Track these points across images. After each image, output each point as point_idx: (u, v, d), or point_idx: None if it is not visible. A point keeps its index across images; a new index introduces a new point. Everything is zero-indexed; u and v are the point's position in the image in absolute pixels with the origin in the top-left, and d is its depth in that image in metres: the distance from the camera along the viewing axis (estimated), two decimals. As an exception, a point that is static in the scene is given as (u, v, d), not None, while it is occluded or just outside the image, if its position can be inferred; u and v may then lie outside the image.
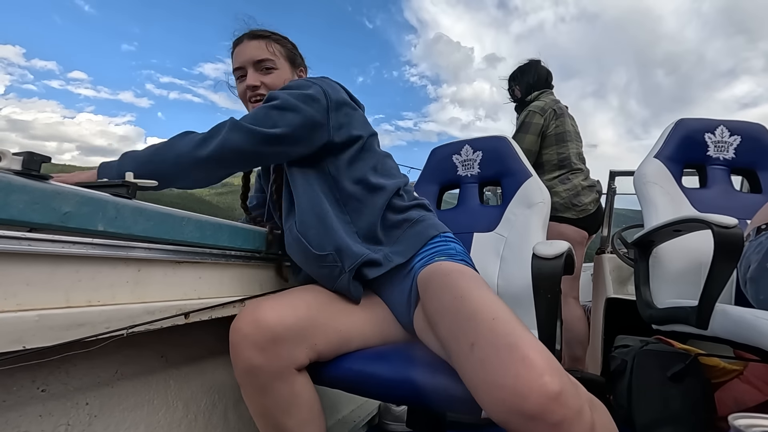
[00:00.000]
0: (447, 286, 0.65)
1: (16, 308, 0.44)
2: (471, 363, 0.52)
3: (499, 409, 0.47)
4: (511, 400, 0.45)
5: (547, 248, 0.75)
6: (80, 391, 0.57)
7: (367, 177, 0.83)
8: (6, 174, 0.43)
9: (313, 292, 0.76)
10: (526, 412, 0.45)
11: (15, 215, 0.43)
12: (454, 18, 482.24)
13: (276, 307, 0.66)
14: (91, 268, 0.52)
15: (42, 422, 0.52)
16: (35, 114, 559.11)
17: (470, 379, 0.52)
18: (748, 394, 1.13)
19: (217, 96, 18.83)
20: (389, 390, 0.68)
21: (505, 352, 0.49)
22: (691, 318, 0.88)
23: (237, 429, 0.84)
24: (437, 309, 0.64)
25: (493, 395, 0.47)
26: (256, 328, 0.63)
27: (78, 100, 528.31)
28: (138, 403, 0.65)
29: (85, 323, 0.49)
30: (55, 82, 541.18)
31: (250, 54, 0.92)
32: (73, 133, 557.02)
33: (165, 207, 0.64)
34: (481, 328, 0.53)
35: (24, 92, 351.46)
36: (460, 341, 0.55)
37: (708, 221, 0.83)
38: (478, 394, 0.50)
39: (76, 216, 0.49)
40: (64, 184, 0.49)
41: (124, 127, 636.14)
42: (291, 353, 0.65)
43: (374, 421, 1.34)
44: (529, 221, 1.13)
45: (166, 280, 0.63)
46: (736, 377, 1.16)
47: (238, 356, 0.64)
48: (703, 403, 1.07)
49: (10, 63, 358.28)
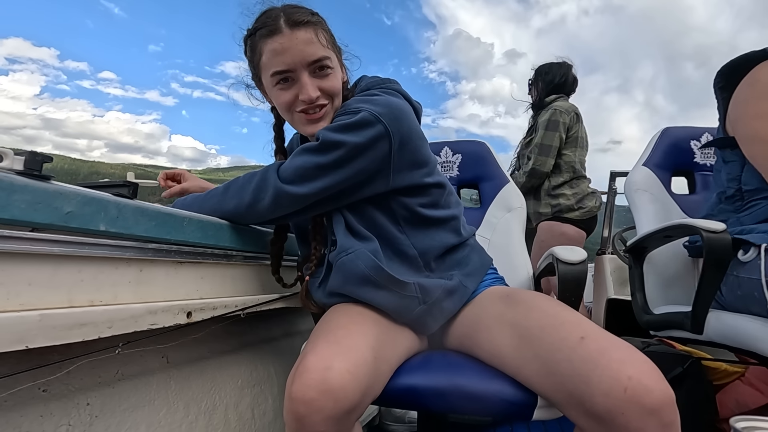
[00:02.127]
0: (539, 297, 0.68)
1: (19, 308, 0.44)
2: (582, 352, 0.53)
3: (618, 396, 0.47)
4: (634, 389, 0.46)
5: (571, 254, 0.79)
6: (81, 392, 0.57)
7: (434, 204, 0.79)
8: (8, 174, 0.43)
9: (371, 328, 0.66)
10: (647, 405, 0.46)
11: (17, 215, 0.43)
12: (473, 13, 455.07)
13: (349, 365, 0.54)
14: (94, 268, 0.52)
15: (43, 422, 0.52)
16: (67, 113, 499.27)
17: (580, 366, 0.52)
18: (750, 396, 1.12)
19: (239, 94, 18.44)
20: (438, 399, 0.65)
21: (625, 347, 0.52)
22: (686, 323, 0.90)
23: (237, 430, 0.84)
24: (526, 312, 0.65)
25: (614, 382, 0.48)
26: (333, 400, 0.52)
27: (107, 99, 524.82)
28: (139, 403, 0.65)
29: (88, 323, 0.49)
30: (86, 82, 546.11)
31: (302, 53, 0.70)
32: (102, 131, 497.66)
33: (166, 207, 0.64)
34: (588, 326, 0.57)
35: (58, 92, 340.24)
36: (565, 334, 0.56)
37: (697, 227, 0.84)
38: (592, 381, 0.50)
39: (78, 216, 0.49)
40: (66, 185, 0.49)
41: (149, 125, 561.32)
42: (360, 412, 0.57)
43: (375, 422, 1.34)
44: (510, 224, 1.21)
45: (168, 280, 0.63)
46: (737, 379, 1.16)
47: (303, 429, 0.52)
48: (704, 405, 1.07)
49: (45, 65, 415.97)
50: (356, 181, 0.72)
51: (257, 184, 0.73)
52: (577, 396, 0.52)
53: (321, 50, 0.72)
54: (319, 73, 0.72)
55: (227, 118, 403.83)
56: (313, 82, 0.72)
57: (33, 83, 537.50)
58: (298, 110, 0.74)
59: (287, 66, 0.70)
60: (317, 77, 0.72)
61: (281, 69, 0.71)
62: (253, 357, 0.92)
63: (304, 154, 0.71)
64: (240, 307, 0.75)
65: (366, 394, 0.56)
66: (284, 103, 0.74)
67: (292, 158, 0.72)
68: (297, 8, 0.73)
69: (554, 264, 0.82)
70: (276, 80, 0.72)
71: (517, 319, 0.65)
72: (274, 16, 0.71)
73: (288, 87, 0.73)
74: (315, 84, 0.72)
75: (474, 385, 0.65)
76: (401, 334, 0.73)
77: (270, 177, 0.72)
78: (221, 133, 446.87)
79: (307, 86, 0.71)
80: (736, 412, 1.07)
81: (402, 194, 0.76)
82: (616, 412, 0.47)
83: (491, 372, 0.66)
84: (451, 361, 0.72)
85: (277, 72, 0.71)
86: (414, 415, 1.27)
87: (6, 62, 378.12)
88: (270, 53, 0.71)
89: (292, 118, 0.76)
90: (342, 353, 0.56)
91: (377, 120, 0.68)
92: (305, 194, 0.70)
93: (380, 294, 0.71)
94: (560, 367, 0.54)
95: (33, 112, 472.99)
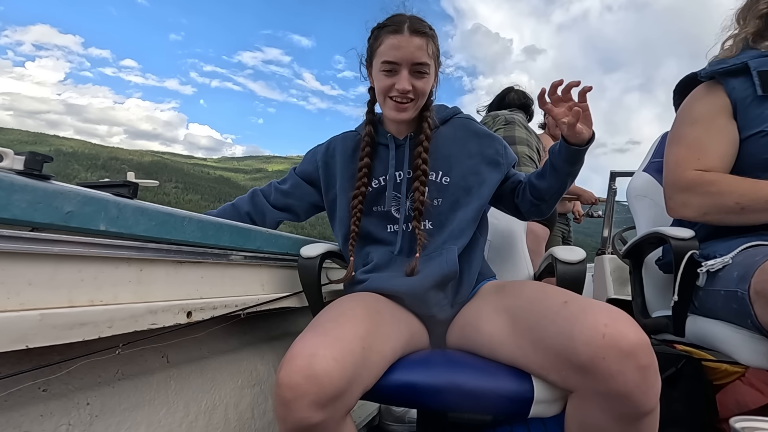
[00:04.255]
0: (529, 282, 0.78)
1: (19, 308, 0.44)
2: (565, 313, 0.59)
3: (598, 344, 0.53)
4: (611, 335, 0.53)
5: (569, 254, 0.80)
6: (81, 391, 0.57)
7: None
8: (8, 174, 0.43)
9: (362, 321, 0.68)
10: (624, 348, 0.52)
11: (17, 215, 0.43)
12: (492, 7, 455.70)
13: (335, 353, 0.57)
14: (94, 268, 0.52)
15: (43, 422, 0.52)
16: (89, 99, 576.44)
17: (563, 324, 0.58)
18: (750, 397, 1.12)
19: (256, 85, 18.32)
20: (436, 396, 0.66)
21: (604, 306, 0.58)
22: (670, 327, 0.91)
23: (237, 429, 0.84)
24: (517, 294, 0.74)
25: (593, 332, 0.54)
26: (317, 385, 0.54)
27: (128, 86, 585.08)
28: (139, 403, 0.65)
29: (88, 323, 0.49)
30: (108, 69, 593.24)
31: (411, 54, 0.86)
32: (122, 117, 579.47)
33: (166, 207, 0.64)
34: (571, 294, 0.65)
35: (81, 78, 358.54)
36: (550, 302, 0.64)
37: (666, 235, 0.87)
38: (574, 334, 0.56)
39: (78, 216, 0.49)
40: (66, 184, 0.49)
41: (168, 113, 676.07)
42: (348, 402, 0.59)
43: (375, 422, 1.34)
44: (511, 225, 1.23)
45: (168, 280, 0.63)
46: (737, 379, 1.15)
47: (290, 415, 0.54)
48: (704, 405, 1.07)
49: (70, 51, 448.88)
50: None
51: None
52: (564, 354, 0.57)
53: (425, 57, 0.87)
54: (417, 74, 0.87)
55: (244, 108, 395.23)
56: (410, 79, 0.87)
57: (58, 69, 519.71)
58: (391, 96, 0.88)
59: (396, 59, 0.86)
60: (414, 77, 0.87)
61: (391, 60, 0.86)
62: (253, 357, 0.92)
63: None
64: (240, 307, 0.75)
65: (353, 383, 0.58)
66: (383, 87, 0.89)
67: None
68: (420, 21, 0.89)
69: (553, 264, 0.82)
70: (384, 67, 0.87)
71: (509, 303, 0.73)
72: (401, 20, 0.88)
73: (390, 75, 0.87)
74: (410, 81, 0.87)
75: (471, 381, 0.66)
76: (397, 328, 0.76)
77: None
78: (237, 122, 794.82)
79: (404, 80, 0.86)
80: (736, 412, 1.07)
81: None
82: (597, 357, 0.53)
83: (489, 368, 0.68)
84: (451, 358, 0.73)
85: (387, 61, 0.87)
86: (414, 414, 1.27)
87: (33, 48, 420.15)
88: (388, 45, 0.87)
89: (384, 101, 0.90)
90: (329, 343, 0.58)
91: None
92: None
93: (422, 292, 0.84)
94: (547, 332, 0.60)
95: (57, 97, 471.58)
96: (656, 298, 1.14)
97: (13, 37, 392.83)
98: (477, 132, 0.96)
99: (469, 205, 0.91)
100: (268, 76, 18.39)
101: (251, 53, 18.79)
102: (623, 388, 0.52)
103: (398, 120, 0.90)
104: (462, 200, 0.91)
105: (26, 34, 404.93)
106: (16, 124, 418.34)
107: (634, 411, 0.53)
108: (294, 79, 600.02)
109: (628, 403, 0.53)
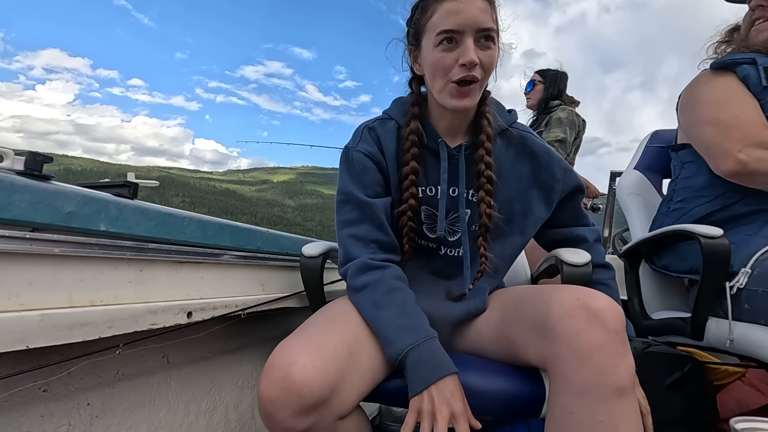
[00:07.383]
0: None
1: (20, 308, 0.44)
2: (546, 293, 0.62)
3: (570, 305, 0.56)
4: (585, 299, 0.56)
5: (575, 257, 0.79)
6: (81, 392, 0.57)
7: None
8: (8, 174, 0.43)
9: (351, 326, 0.65)
10: (593, 308, 0.54)
11: (17, 215, 0.43)
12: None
13: (315, 360, 0.54)
14: (94, 268, 0.52)
15: (44, 422, 0.52)
16: (98, 118, 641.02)
17: (543, 297, 0.61)
18: (750, 397, 1.12)
19: (260, 98, 18.23)
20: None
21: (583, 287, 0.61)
22: (686, 330, 0.89)
23: (238, 429, 0.84)
24: (513, 290, 0.76)
25: (568, 297, 0.57)
26: (297, 395, 0.52)
27: (135, 105, 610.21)
28: (139, 403, 0.65)
29: (88, 323, 0.49)
30: (116, 89, 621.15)
31: (475, 18, 0.68)
32: (129, 135, 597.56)
33: (166, 207, 0.64)
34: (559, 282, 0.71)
35: (89, 99, 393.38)
36: (538, 289, 0.67)
37: (694, 232, 0.83)
38: (552, 301, 0.58)
39: (79, 216, 0.49)
40: (66, 185, 0.50)
41: (174, 129, 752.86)
42: (338, 407, 0.57)
43: (375, 422, 1.34)
44: None
45: (168, 281, 0.63)
46: (738, 379, 1.15)
47: (275, 426, 0.53)
48: (704, 405, 1.06)
49: (79, 73, 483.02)
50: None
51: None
52: (540, 321, 0.58)
53: (491, 22, 0.70)
54: (483, 44, 0.70)
55: (248, 121, 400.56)
56: (476, 49, 0.69)
57: (67, 91, 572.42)
58: (454, 80, 0.70)
59: (457, 26, 0.68)
60: (480, 47, 0.70)
61: (450, 28, 0.69)
62: (254, 357, 0.92)
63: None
64: (240, 307, 0.75)
65: (339, 389, 0.56)
66: (443, 66, 0.70)
67: None
68: None
69: (558, 266, 0.81)
70: (440, 39, 0.70)
71: (505, 301, 0.73)
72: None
73: (450, 49, 0.70)
74: (476, 52, 0.69)
75: (479, 382, 0.65)
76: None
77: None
78: (242, 136, 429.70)
79: (470, 50, 0.68)
80: (737, 412, 1.07)
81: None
82: (567, 316, 0.55)
83: (500, 370, 0.67)
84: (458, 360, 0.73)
85: (445, 30, 0.69)
86: (414, 415, 1.26)
87: (44, 72, 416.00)
88: (443, 12, 0.70)
89: (443, 86, 0.72)
90: (311, 349, 0.56)
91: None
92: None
93: (437, 289, 0.82)
94: (530, 311, 0.63)
95: (66, 118, 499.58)
96: (655, 298, 1.13)
97: (25, 62, 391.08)
98: (534, 150, 0.80)
99: (507, 237, 0.80)
100: (272, 89, 18.09)
101: (253, 67, 18.09)
102: (585, 346, 0.52)
103: (460, 108, 0.72)
104: (501, 230, 0.79)
105: (37, 58, 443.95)
106: (26, 145, 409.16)
107: (601, 382, 0.51)
108: (297, 92, 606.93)
109: (593, 368, 0.52)
